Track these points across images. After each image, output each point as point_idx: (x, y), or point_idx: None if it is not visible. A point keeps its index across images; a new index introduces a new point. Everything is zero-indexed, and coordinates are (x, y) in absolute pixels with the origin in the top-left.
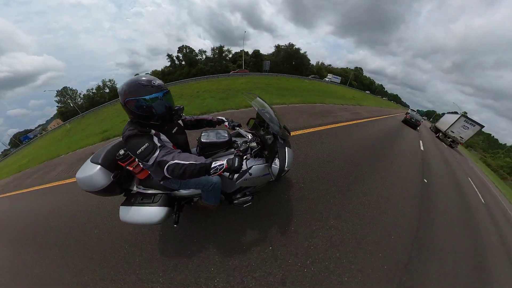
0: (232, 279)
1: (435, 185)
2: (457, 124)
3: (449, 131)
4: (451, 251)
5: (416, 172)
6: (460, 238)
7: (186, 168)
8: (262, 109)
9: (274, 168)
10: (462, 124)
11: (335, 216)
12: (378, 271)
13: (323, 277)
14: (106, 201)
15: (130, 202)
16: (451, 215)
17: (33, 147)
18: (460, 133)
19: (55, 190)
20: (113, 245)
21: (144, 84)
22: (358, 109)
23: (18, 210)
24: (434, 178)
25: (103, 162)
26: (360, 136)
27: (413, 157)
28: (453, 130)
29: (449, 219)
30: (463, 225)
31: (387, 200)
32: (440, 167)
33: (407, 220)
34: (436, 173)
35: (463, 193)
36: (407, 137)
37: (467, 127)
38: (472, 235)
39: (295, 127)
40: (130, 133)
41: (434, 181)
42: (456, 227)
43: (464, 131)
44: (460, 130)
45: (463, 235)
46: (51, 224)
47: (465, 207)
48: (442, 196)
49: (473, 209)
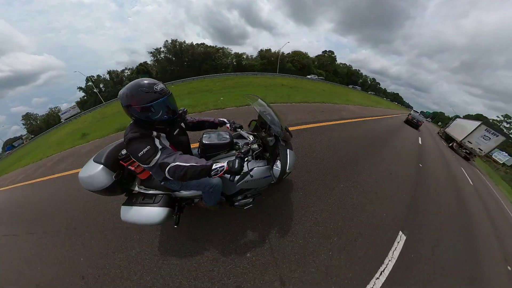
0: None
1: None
2: (476, 133)
3: (466, 141)
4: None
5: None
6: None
7: (187, 170)
8: (263, 111)
9: (275, 170)
10: (483, 134)
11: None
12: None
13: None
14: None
15: (131, 202)
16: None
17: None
18: (480, 144)
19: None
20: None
21: (146, 90)
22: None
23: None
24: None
25: (105, 162)
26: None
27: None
28: (471, 140)
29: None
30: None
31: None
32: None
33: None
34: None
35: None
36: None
37: (488, 138)
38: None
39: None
40: (132, 135)
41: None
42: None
43: (484, 142)
44: (479, 140)
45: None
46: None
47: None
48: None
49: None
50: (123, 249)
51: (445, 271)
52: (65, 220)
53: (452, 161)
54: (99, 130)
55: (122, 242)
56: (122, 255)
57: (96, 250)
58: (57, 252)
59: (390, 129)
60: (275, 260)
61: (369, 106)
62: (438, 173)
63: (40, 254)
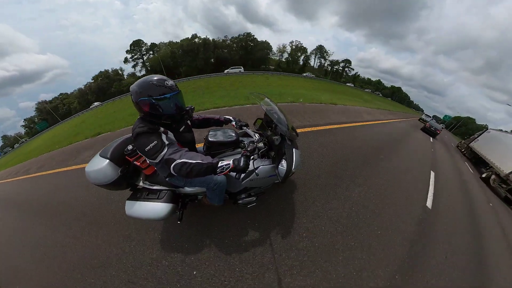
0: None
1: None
2: None
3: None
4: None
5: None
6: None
7: (192, 167)
8: (270, 110)
9: (280, 170)
10: None
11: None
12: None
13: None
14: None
15: (136, 197)
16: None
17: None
18: None
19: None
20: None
21: (158, 84)
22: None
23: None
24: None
25: (111, 157)
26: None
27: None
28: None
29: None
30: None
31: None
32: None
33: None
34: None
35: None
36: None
37: None
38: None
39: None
40: (140, 130)
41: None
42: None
43: None
44: None
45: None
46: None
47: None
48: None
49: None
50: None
51: None
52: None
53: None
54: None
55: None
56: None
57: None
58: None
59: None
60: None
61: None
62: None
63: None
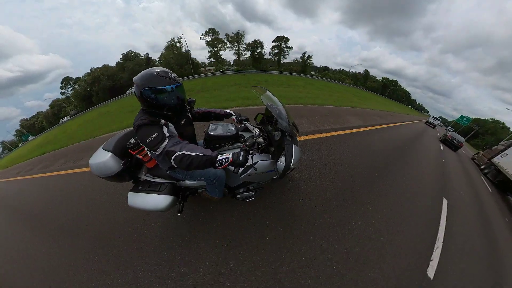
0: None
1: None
2: None
3: None
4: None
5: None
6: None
7: (192, 159)
8: (271, 104)
9: (279, 165)
10: None
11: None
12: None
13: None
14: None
15: (138, 189)
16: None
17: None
18: None
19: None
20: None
21: (162, 75)
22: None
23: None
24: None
25: (114, 150)
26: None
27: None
28: None
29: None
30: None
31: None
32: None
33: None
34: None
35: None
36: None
37: None
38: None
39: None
40: (142, 122)
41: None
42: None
43: None
44: None
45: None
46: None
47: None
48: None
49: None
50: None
51: None
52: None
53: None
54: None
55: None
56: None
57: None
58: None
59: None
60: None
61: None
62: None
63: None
